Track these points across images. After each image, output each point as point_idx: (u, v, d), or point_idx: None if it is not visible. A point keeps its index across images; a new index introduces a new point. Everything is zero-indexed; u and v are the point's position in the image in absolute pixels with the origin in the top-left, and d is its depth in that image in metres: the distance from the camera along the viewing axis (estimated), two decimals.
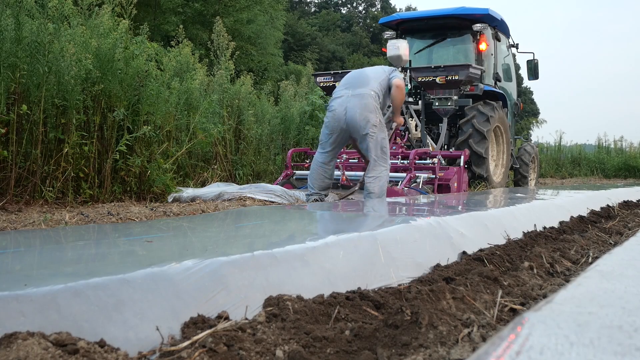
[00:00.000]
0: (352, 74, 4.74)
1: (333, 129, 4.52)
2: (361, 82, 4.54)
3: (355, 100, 4.43)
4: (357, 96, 4.44)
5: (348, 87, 4.54)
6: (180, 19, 17.79)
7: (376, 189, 4.53)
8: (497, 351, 0.80)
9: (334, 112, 4.49)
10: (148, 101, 4.78)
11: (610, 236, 3.16)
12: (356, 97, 4.44)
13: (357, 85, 4.52)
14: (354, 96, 4.45)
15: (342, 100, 4.46)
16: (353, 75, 4.69)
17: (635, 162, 14.07)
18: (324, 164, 4.69)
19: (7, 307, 1.11)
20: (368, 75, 4.59)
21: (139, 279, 1.31)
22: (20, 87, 4.01)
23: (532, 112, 45.88)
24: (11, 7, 3.98)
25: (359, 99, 4.43)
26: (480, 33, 7.04)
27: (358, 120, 4.40)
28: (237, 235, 2.32)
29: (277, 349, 1.21)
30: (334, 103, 4.52)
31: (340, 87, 4.64)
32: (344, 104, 4.44)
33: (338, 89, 4.63)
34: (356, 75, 4.65)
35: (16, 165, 3.91)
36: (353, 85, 4.53)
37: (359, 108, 4.40)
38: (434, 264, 2.12)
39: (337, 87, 4.68)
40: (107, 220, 3.26)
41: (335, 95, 4.57)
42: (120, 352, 1.10)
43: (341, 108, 4.44)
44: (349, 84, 4.56)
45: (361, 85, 4.51)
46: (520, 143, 9.76)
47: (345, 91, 4.51)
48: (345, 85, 4.59)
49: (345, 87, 4.55)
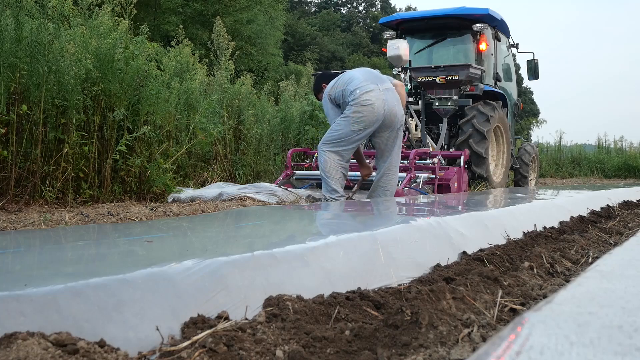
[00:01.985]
0: (364, 71, 4.59)
1: (369, 123, 4.34)
2: (380, 78, 4.51)
3: (390, 93, 4.41)
4: (389, 90, 4.42)
5: (374, 81, 4.41)
6: (180, 19, 17.80)
7: (394, 188, 4.58)
8: (497, 351, 0.80)
9: (371, 105, 4.29)
10: (148, 101, 4.78)
11: (611, 236, 3.16)
12: (389, 91, 4.41)
13: (379, 81, 4.46)
14: (386, 90, 4.40)
15: (378, 94, 4.33)
16: (367, 71, 4.58)
17: (635, 162, 14.08)
18: (346, 163, 4.52)
19: (7, 307, 1.11)
20: (377, 73, 4.59)
21: (139, 279, 1.31)
22: (20, 87, 4.01)
23: (532, 112, 45.89)
24: (11, 7, 3.98)
25: (392, 93, 4.43)
26: (480, 33, 7.04)
27: (397, 113, 4.41)
28: (237, 235, 2.32)
29: (277, 349, 1.21)
30: (369, 97, 4.31)
31: (361, 81, 4.40)
32: (381, 97, 4.33)
33: (362, 83, 4.37)
34: (369, 72, 4.58)
35: (16, 165, 3.91)
36: (376, 81, 4.44)
37: (396, 101, 4.43)
38: (434, 264, 2.12)
39: (356, 81, 4.41)
40: (107, 220, 3.26)
41: (365, 89, 4.34)
42: (120, 352, 1.10)
43: (379, 101, 4.32)
44: (370, 79, 4.42)
45: (383, 81, 4.48)
46: (520, 143, 9.76)
47: (373, 85, 4.37)
48: (368, 79, 4.42)
49: (372, 82, 4.40)
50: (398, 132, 4.52)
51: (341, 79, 4.57)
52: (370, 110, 4.31)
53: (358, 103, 4.32)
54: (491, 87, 7.06)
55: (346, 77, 4.52)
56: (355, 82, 4.41)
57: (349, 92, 4.41)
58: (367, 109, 4.31)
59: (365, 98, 4.33)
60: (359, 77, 4.45)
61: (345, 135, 4.38)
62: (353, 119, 4.34)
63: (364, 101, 4.32)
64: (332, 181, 4.45)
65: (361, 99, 4.32)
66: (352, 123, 4.34)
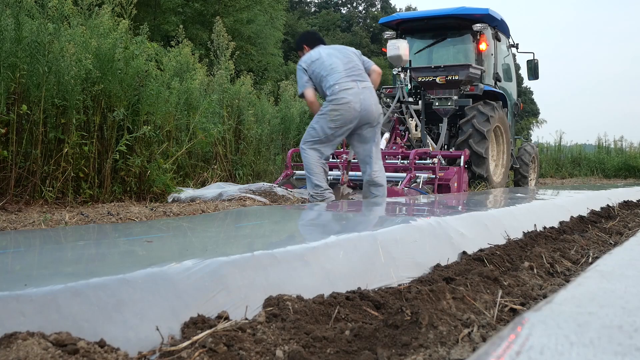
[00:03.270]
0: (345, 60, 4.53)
1: (345, 121, 4.40)
2: (359, 71, 4.53)
3: (367, 92, 4.46)
4: (368, 89, 4.48)
5: (354, 77, 4.46)
6: (180, 19, 17.80)
7: (385, 182, 4.59)
8: (497, 351, 0.80)
9: (348, 104, 4.36)
10: (148, 101, 4.78)
11: (611, 236, 3.16)
12: (367, 90, 4.47)
13: (358, 76, 4.49)
14: (365, 88, 4.45)
15: (356, 92, 4.39)
16: (348, 61, 4.54)
17: (635, 162, 14.07)
18: (325, 160, 4.59)
19: (7, 307, 1.11)
20: (357, 63, 4.57)
21: (139, 279, 1.31)
22: (20, 87, 4.01)
23: (532, 112, 45.88)
24: (11, 7, 3.98)
25: (370, 92, 4.48)
26: (480, 33, 7.04)
27: (373, 112, 4.46)
28: (237, 235, 2.32)
29: (277, 349, 1.21)
30: (346, 95, 4.36)
31: (342, 77, 4.43)
32: (359, 96, 4.39)
33: (342, 80, 4.41)
34: (349, 61, 4.55)
35: (16, 165, 3.91)
36: (356, 77, 4.48)
37: (373, 99, 4.48)
38: (434, 264, 2.12)
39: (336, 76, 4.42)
40: (107, 220, 3.26)
41: (343, 87, 4.39)
42: (120, 352, 1.10)
43: (357, 100, 4.38)
44: (350, 75, 4.47)
45: (361, 75, 4.52)
46: (520, 143, 9.76)
47: (353, 83, 4.42)
48: (348, 75, 4.46)
49: (352, 79, 4.45)
50: (376, 129, 4.58)
51: (322, 63, 4.51)
52: (347, 109, 4.38)
53: (335, 100, 4.38)
54: (491, 87, 7.06)
55: (327, 65, 4.49)
56: (335, 77, 4.42)
57: (328, 84, 4.44)
58: (344, 107, 4.38)
59: (343, 96, 4.38)
60: (339, 71, 4.46)
61: (323, 133, 4.46)
62: (330, 117, 4.41)
63: (342, 99, 4.38)
64: (314, 177, 4.51)
65: (339, 96, 4.38)
66: (329, 121, 4.41)
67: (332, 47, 4.67)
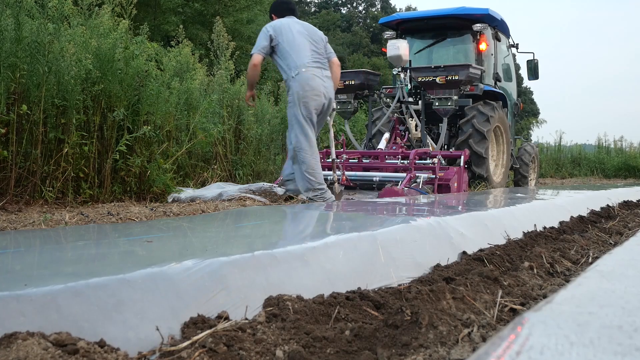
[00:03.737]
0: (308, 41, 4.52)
1: (317, 106, 4.47)
2: (323, 59, 4.59)
3: (329, 81, 4.57)
4: (329, 78, 4.58)
5: (317, 65, 4.49)
6: (180, 19, 17.79)
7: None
8: (497, 351, 0.80)
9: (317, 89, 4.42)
10: (148, 101, 4.78)
11: (611, 236, 3.16)
12: (329, 79, 4.57)
13: (323, 64, 4.55)
14: (327, 77, 4.55)
15: (320, 80, 4.47)
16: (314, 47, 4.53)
17: (635, 162, 14.07)
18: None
19: (7, 307, 1.11)
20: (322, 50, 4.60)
21: (139, 279, 1.31)
22: (20, 87, 4.01)
23: (532, 112, 45.86)
24: (11, 7, 3.98)
25: (330, 81, 4.58)
26: (480, 33, 7.04)
27: (332, 100, 4.61)
28: (237, 235, 2.32)
29: (277, 349, 1.21)
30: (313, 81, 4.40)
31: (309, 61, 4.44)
32: (323, 83, 4.48)
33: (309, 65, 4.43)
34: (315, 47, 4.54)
35: (16, 165, 3.91)
36: (320, 63, 4.52)
37: (332, 89, 4.61)
38: (434, 264, 2.12)
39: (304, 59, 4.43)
40: (107, 220, 3.26)
41: (310, 73, 4.41)
42: (120, 352, 1.10)
43: (321, 87, 4.46)
44: (316, 59, 4.50)
45: (325, 63, 4.59)
46: (520, 143, 9.75)
47: (318, 70, 4.47)
48: (314, 60, 4.48)
49: (317, 66, 4.48)
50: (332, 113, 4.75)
51: (291, 38, 4.47)
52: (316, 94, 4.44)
53: (303, 82, 4.38)
54: (491, 87, 7.06)
55: (295, 42, 4.47)
56: (301, 58, 4.42)
57: (293, 64, 4.43)
58: (313, 92, 4.42)
59: (310, 82, 4.41)
60: (306, 54, 4.46)
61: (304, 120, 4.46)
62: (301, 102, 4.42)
63: (309, 84, 4.41)
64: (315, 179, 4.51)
65: (308, 82, 4.39)
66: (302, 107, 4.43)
67: (303, 26, 4.63)
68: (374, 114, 6.95)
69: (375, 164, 5.85)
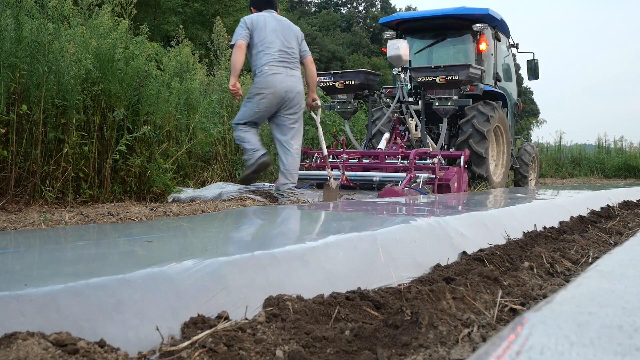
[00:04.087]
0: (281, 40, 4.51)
1: (270, 105, 4.49)
2: (293, 59, 4.56)
3: (294, 79, 4.54)
4: (295, 77, 4.55)
5: (284, 64, 4.49)
6: (180, 19, 17.79)
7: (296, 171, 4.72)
8: (497, 351, 0.80)
9: (274, 88, 4.42)
10: (148, 101, 4.78)
11: (611, 236, 3.16)
12: (294, 78, 4.54)
13: (290, 64, 4.53)
14: (292, 77, 4.52)
15: (282, 78, 4.45)
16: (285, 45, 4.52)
17: (635, 162, 14.07)
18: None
19: (7, 307, 1.11)
20: (294, 50, 4.58)
21: (139, 279, 1.31)
22: (20, 87, 4.01)
23: (532, 112, 45.86)
24: (11, 7, 3.98)
25: (297, 80, 4.56)
26: (480, 33, 7.04)
27: (296, 99, 4.55)
28: (237, 235, 2.32)
29: (277, 349, 1.21)
30: (273, 80, 4.42)
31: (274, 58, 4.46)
32: (284, 82, 4.46)
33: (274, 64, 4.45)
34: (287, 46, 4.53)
35: (16, 165, 3.91)
36: (287, 63, 4.51)
37: (299, 87, 4.56)
38: (434, 264, 2.12)
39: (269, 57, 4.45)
40: (107, 220, 3.26)
41: (271, 71, 4.43)
42: (120, 352, 1.10)
43: (282, 85, 4.45)
44: (283, 59, 4.49)
45: (293, 63, 4.56)
46: (520, 143, 9.75)
47: (282, 69, 4.47)
48: (282, 59, 4.48)
49: (283, 65, 4.48)
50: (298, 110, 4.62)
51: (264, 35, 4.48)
52: (273, 94, 4.44)
53: (262, 84, 4.44)
54: (491, 87, 7.06)
55: (267, 40, 4.48)
56: (267, 57, 4.45)
57: (259, 62, 4.48)
58: (270, 91, 4.44)
59: (270, 81, 4.43)
60: (273, 52, 4.47)
61: (250, 116, 4.55)
62: (256, 101, 4.49)
63: (268, 84, 4.44)
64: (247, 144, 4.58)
65: (267, 80, 4.43)
66: (256, 104, 4.50)
67: (279, 22, 4.60)
68: (374, 114, 6.95)
69: (375, 164, 5.85)
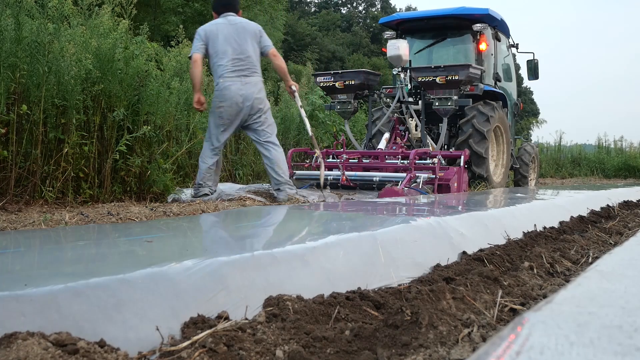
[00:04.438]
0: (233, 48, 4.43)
1: (231, 117, 4.44)
2: (247, 65, 4.47)
3: (250, 87, 4.45)
4: (250, 84, 4.45)
5: (237, 73, 4.43)
6: (180, 19, 17.78)
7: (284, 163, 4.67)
8: (497, 351, 0.80)
9: (231, 100, 4.39)
10: (148, 101, 4.78)
11: (611, 236, 3.16)
12: (250, 85, 4.45)
13: (245, 71, 4.45)
14: (247, 84, 4.44)
15: (237, 88, 4.40)
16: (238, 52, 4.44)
17: (635, 162, 14.07)
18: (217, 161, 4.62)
19: (7, 307, 1.11)
20: (250, 54, 4.47)
21: (139, 279, 1.31)
22: (20, 87, 4.01)
23: (532, 112, 45.84)
24: (11, 7, 3.98)
25: (253, 86, 4.46)
26: (480, 33, 7.04)
27: (255, 103, 4.47)
28: (237, 235, 2.32)
29: (277, 349, 1.21)
30: (228, 92, 4.39)
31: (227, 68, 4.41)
32: (239, 91, 4.40)
33: (227, 74, 4.41)
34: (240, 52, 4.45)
35: (16, 165, 3.91)
36: (240, 71, 4.44)
37: (255, 94, 4.47)
38: (434, 264, 2.12)
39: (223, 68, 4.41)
40: (107, 220, 3.26)
41: (226, 83, 4.40)
42: (120, 352, 1.10)
43: (237, 96, 4.39)
44: (237, 67, 4.43)
45: (248, 69, 4.47)
46: (520, 143, 9.75)
47: (236, 79, 4.41)
48: (235, 67, 4.43)
49: (237, 73, 4.42)
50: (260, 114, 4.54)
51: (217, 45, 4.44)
52: (230, 105, 4.41)
53: (220, 97, 4.43)
54: (491, 87, 7.05)
55: (220, 49, 4.44)
56: (222, 68, 4.42)
57: (216, 73, 4.48)
58: (227, 103, 4.41)
59: (226, 93, 4.41)
60: (226, 62, 4.42)
61: (215, 129, 4.51)
62: (217, 114, 4.47)
63: (224, 96, 4.41)
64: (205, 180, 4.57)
65: (223, 93, 4.41)
66: (218, 117, 4.47)
67: (234, 27, 4.49)
68: (374, 114, 6.95)
69: (375, 164, 5.85)
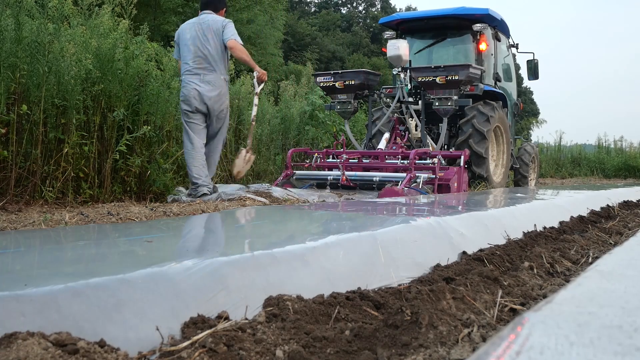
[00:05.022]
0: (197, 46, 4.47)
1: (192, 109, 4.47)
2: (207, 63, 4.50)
3: (207, 86, 4.48)
4: (207, 82, 4.48)
5: (197, 71, 4.46)
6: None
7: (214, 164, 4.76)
8: (497, 351, 0.80)
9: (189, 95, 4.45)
10: (148, 101, 4.78)
11: (610, 236, 3.16)
12: (207, 84, 4.48)
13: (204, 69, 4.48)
14: (205, 82, 4.48)
15: (195, 85, 4.45)
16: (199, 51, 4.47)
17: (635, 162, 14.07)
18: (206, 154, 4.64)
19: (7, 307, 1.11)
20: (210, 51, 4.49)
21: (139, 279, 1.31)
22: (20, 87, 4.01)
23: (532, 112, 45.84)
24: (11, 7, 3.98)
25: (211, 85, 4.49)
26: (480, 33, 7.04)
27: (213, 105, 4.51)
28: (237, 235, 2.32)
29: (277, 349, 1.21)
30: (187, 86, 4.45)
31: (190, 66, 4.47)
32: (197, 88, 4.45)
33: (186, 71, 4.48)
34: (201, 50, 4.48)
35: (16, 165, 3.91)
36: (200, 69, 4.48)
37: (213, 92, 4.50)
38: (434, 264, 2.12)
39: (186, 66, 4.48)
40: (107, 220, 3.26)
41: (187, 80, 4.47)
42: (120, 352, 1.10)
43: (195, 92, 4.44)
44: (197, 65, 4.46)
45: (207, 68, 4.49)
46: (520, 143, 9.75)
47: (195, 76, 4.46)
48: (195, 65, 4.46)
49: (194, 73, 4.46)
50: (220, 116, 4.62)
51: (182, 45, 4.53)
52: (189, 100, 4.45)
53: (182, 91, 4.51)
54: (491, 87, 7.05)
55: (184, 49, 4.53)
56: (185, 66, 4.50)
57: (182, 69, 4.55)
58: (187, 98, 4.46)
59: (186, 88, 4.47)
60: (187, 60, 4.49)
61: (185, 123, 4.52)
62: (182, 107, 4.53)
63: (184, 90, 4.48)
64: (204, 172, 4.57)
65: (184, 87, 4.50)
66: (183, 111, 4.52)
67: (200, 26, 4.54)
68: (374, 114, 6.95)
69: (375, 164, 5.85)
